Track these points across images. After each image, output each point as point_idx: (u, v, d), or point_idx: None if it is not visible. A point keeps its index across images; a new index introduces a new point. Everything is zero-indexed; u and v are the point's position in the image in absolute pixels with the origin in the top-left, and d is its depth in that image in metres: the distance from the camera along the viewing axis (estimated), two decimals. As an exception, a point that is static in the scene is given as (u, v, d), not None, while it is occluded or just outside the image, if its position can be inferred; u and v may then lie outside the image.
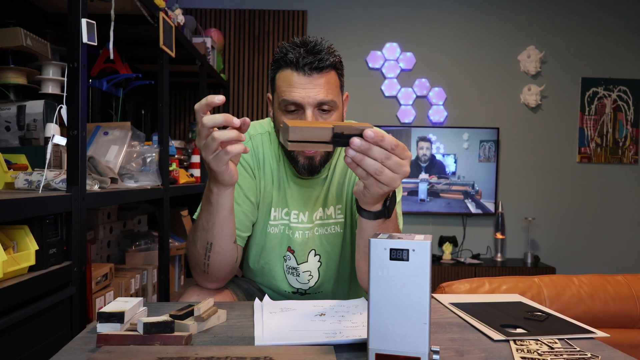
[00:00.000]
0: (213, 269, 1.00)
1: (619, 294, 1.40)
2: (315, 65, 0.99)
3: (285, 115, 1.03)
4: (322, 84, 1.00)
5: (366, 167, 0.74)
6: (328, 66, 1.00)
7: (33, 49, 1.35)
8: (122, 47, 2.06)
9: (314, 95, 0.99)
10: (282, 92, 1.02)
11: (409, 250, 0.62)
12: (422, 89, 3.63)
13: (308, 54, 0.99)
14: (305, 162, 1.05)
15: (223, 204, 0.92)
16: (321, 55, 1.00)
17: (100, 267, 1.35)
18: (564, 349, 0.74)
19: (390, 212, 0.87)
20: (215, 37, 3.09)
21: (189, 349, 0.69)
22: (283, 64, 1.02)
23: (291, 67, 1.00)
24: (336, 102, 1.03)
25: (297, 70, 0.99)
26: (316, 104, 1.00)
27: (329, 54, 1.01)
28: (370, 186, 0.78)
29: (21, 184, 1.06)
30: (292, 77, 1.00)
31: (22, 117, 1.31)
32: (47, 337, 0.96)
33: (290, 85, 1.00)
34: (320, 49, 1.00)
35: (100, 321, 0.74)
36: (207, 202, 0.94)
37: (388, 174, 0.75)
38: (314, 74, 0.99)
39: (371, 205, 0.85)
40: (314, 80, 0.99)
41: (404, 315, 0.62)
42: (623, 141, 3.67)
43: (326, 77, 1.01)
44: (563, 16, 3.64)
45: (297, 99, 0.99)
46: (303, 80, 0.99)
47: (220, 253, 0.98)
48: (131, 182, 1.51)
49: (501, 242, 3.53)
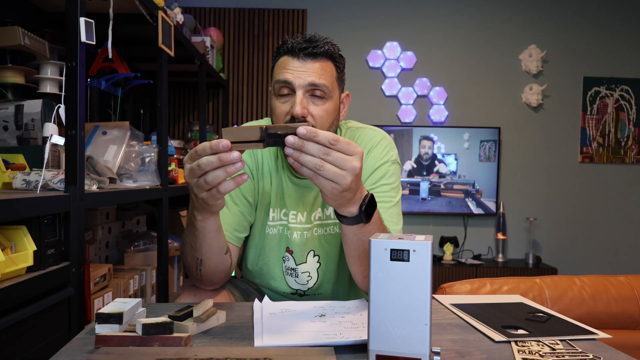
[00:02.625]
0: (206, 277, 1.01)
1: (621, 295, 1.39)
2: (309, 50, 1.01)
3: (278, 100, 1.04)
4: (315, 68, 1.01)
5: (305, 163, 0.74)
6: (322, 53, 1.02)
7: (31, 48, 1.35)
8: (121, 46, 2.06)
9: (305, 77, 1.00)
10: (276, 75, 1.04)
11: (410, 250, 0.61)
12: (423, 89, 3.62)
13: (305, 41, 1.02)
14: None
15: (210, 228, 0.91)
16: (317, 42, 1.02)
17: (99, 268, 1.34)
18: (565, 350, 0.74)
19: (369, 216, 0.85)
20: (215, 36, 3.08)
21: (188, 350, 0.68)
22: (282, 52, 1.05)
23: (288, 53, 1.03)
24: (329, 89, 1.03)
25: (292, 55, 1.02)
26: (307, 84, 1.00)
27: (325, 43, 1.03)
28: (321, 185, 0.77)
29: (19, 184, 1.05)
30: (287, 62, 1.02)
31: (20, 117, 1.31)
32: (45, 338, 0.95)
33: (284, 68, 1.02)
34: (317, 38, 1.03)
35: (99, 322, 0.73)
36: (192, 226, 0.91)
37: (330, 168, 0.74)
38: (308, 60, 1.01)
39: (344, 209, 0.83)
40: (307, 64, 1.01)
41: (405, 316, 0.61)
42: (625, 141, 3.66)
43: (320, 63, 1.02)
44: (565, 15, 3.63)
45: (289, 78, 1.01)
46: (297, 64, 1.01)
47: (211, 267, 0.98)
48: (130, 182, 1.50)
49: (502, 243, 3.52)
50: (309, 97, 1.02)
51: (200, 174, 0.76)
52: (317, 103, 1.02)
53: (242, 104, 3.58)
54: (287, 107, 1.02)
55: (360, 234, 0.87)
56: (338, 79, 1.07)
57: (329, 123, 1.05)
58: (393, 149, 1.13)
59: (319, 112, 1.02)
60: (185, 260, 0.99)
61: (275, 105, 1.04)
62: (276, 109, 1.04)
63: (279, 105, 1.03)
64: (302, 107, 0.99)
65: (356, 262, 0.93)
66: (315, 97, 1.02)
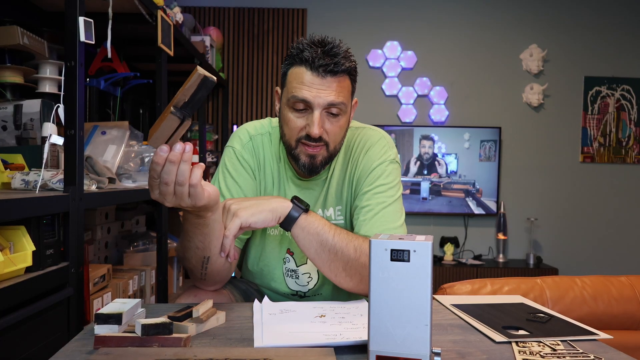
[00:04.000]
0: (211, 276, 1.00)
1: (623, 295, 1.39)
2: (331, 68, 0.98)
3: (292, 113, 1.02)
4: (334, 87, 0.99)
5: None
6: (343, 71, 1.00)
7: (30, 47, 1.35)
8: (120, 45, 2.06)
9: (324, 96, 0.98)
10: (292, 88, 1.00)
11: (410, 251, 0.61)
12: (423, 88, 3.62)
13: (325, 55, 0.98)
14: (307, 160, 1.04)
15: (218, 218, 0.91)
16: (337, 59, 0.98)
17: (98, 268, 1.34)
18: (566, 351, 0.73)
19: (286, 225, 0.95)
20: (214, 36, 3.08)
21: (187, 351, 0.68)
22: (298, 61, 1.00)
23: (305, 65, 0.99)
24: (346, 105, 1.02)
25: (311, 69, 0.98)
26: (326, 104, 0.99)
27: (346, 58, 1.00)
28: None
29: (18, 184, 1.05)
30: (305, 75, 0.99)
31: (19, 117, 1.30)
32: (44, 339, 0.95)
33: (302, 82, 0.99)
34: (338, 52, 0.99)
35: (98, 323, 0.73)
36: (199, 227, 0.90)
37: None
38: (328, 77, 0.98)
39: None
40: (326, 83, 0.98)
41: (405, 316, 0.61)
42: (626, 141, 3.66)
43: (339, 81, 1.00)
44: (566, 14, 3.62)
45: (308, 97, 0.98)
46: (316, 81, 0.98)
47: (218, 263, 0.97)
48: (129, 182, 1.50)
49: (503, 243, 3.52)
50: (326, 114, 1.01)
51: (172, 191, 0.78)
52: (332, 120, 1.02)
53: (241, 104, 3.58)
54: (303, 123, 1.01)
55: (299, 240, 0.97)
56: (352, 92, 1.07)
57: (341, 137, 1.06)
58: (392, 148, 1.13)
59: (334, 129, 1.02)
60: (189, 263, 0.98)
61: (289, 118, 1.02)
62: (290, 122, 1.02)
63: (294, 120, 1.02)
64: (319, 128, 0.99)
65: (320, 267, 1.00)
66: (332, 114, 1.01)
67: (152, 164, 0.76)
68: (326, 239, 0.96)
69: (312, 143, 1.01)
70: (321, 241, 0.96)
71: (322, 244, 0.96)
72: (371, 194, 1.06)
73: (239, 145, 1.12)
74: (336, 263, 0.97)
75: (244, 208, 0.92)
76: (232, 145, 1.13)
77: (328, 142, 1.03)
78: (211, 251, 0.94)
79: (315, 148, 1.02)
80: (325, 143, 1.02)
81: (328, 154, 1.05)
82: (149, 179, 0.79)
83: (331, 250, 0.96)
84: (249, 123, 1.18)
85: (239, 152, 1.11)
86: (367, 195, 1.06)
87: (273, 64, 3.57)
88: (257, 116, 3.56)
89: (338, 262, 0.96)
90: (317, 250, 0.96)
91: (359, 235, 1.00)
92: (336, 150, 1.06)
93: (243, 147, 1.12)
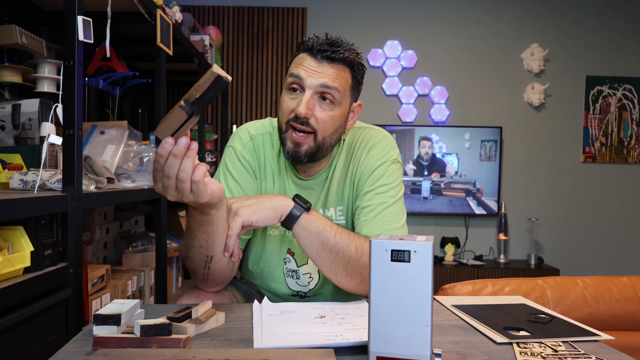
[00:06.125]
0: (213, 276, 0.99)
1: (624, 296, 1.38)
2: (328, 54, 1.00)
3: (287, 95, 1.03)
4: (330, 72, 1.00)
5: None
6: (341, 59, 1.01)
7: (28, 46, 1.34)
8: (119, 45, 2.05)
9: (317, 77, 1.00)
10: (290, 69, 1.04)
11: (411, 251, 0.61)
12: (424, 88, 3.61)
13: (326, 43, 1.01)
14: (292, 147, 1.03)
15: (222, 216, 0.90)
16: (338, 48, 1.01)
17: (97, 269, 1.34)
18: (568, 352, 0.73)
19: (287, 223, 0.94)
20: (214, 35, 3.07)
21: (186, 352, 0.68)
22: (301, 48, 1.04)
23: (307, 51, 1.02)
24: (340, 95, 1.01)
25: (310, 54, 1.01)
26: (318, 85, 0.99)
27: (347, 50, 1.02)
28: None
29: (16, 184, 1.05)
30: (304, 59, 1.02)
31: (17, 116, 1.30)
32: (43, 340, 0.95)
33: (300, 64, 1.02)
34: (339, 43, 1.02)
35: (97, 323, 0.73)
36: (203, 224, 0.90)
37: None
38: (325, 62, 1.00)
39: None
40: (322, 67, 1.00)
41: (406, 317, 0.61)
42: (628, 140, 3.65)
43: (337, 69, 1.01)
44: (567, 13, 3.62)
45: (301, 74, 1.00)
46: (313, 64, 1.01)
47: (221, 262, 0.97)
48: (128, 182, 1.50)
49: (504, 243, 3.51)
50: (318, 99, 1.01)
51: (174, 185, 0.77)
52: (324, 107, 1.01)
53: (241, 103, 3.57)
54: (294, 105, 1.01)
55: (299, 239, 0.96)
56: (352, 88, 1.06)
57: (332, 130, 1.04)
58: (393, 148, 1.12)
59: (324, 117, 1.01)
60: (192, 263, 0.98)
61: (283, 99, 1.04)
62: (283, 103, 1.04)
63: (287, 101, 1.03)
64: (307, 108, 0.99)
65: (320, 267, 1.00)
66: (324, 100, 1.01)
67: (156, 156, 0.76)
68: (327, 238, 0.95)
69: (299, 126, 1.00)
70: (322, 240, 0.95)
71: (323, 244, 0.95)
72: (373, 194, 1.06)
73: (239, 145, 1.12)
74: (337, 263, 0.96)
75: (245, 206, 0.91)
76: (233, 145, 1.12)
77: (316, 131, 1.01)
78: (215, 250, 0.93)
79: (302, 136, 1.01)
80: (313, 131, 1.01)
81: (315, 144, 1.03)
82: (153, 170, 0.78)
83: (332, 250, 0.95)
84: (250, 123, 1.17)
85: (239, 152, 1.11)
86: (369, 196, 1.06)
87: (273, 64, 3.57)
88: (256, 116, 3.56)
89: (339, 262, 0.96)
90: (318, 249, 0.96)
91: (361, 236, 0.99)
92: (325, 143, 1.04)
93: (244, 147, 1.11)
